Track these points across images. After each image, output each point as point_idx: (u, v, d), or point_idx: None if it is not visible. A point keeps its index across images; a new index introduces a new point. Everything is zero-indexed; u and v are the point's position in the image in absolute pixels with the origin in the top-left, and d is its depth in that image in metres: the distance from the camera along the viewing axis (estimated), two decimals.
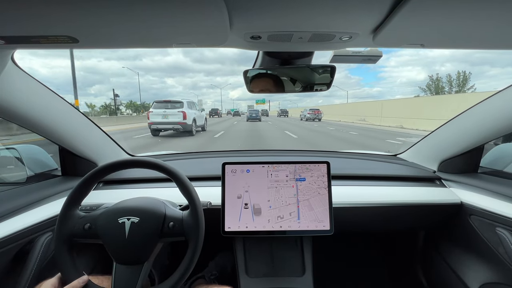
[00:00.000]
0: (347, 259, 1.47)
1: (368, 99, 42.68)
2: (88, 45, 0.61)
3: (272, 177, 0.90)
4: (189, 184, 0.71)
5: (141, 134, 10.36)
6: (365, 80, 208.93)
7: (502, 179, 0.97)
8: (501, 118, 0.88)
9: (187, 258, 0.65)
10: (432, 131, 1.19)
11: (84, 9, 0.45)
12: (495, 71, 77.73)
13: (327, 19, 0.53)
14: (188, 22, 0.51)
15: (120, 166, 0.72)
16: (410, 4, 0.44)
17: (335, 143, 8.66)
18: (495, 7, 0.45)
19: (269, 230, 0.88)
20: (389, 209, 0.99)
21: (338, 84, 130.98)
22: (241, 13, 0.50)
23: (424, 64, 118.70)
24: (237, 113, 53.34)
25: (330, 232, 0.87)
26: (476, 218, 0.90)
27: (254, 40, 0.62)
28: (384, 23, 0.52)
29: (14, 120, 0.82)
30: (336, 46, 0.71)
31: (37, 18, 0.48)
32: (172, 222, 0.68)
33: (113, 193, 1.01)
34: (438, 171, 1.13)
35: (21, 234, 0.74)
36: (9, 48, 0.66)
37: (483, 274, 0.88)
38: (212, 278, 1.12)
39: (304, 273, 0.98)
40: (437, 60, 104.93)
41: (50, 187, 0.97)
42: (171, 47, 0.64)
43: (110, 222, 0.67)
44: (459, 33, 0.57)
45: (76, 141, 1.01)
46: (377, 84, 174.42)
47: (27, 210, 0.82)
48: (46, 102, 0.88)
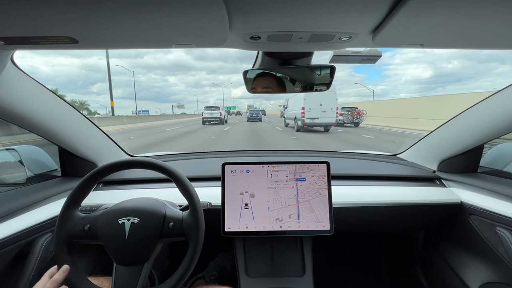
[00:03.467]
0: (347, 259, 1.47)
1: (372, 98, 41.46)
2: (87, 45, 0.61)
3: (272, 177, 0.90)
4: (189, 185, 0.71)
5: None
6: (369, 78, 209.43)
7: (502, 179, 0.97)
8: (501, 118, 0.88)
9: (187, 258, 0.65)
10: (431, 130, 1.19)
11: (84, 10, 0.45)
12: (503, 69, 77.58)
13: (326, 19, 0.53)
14: (187, 22, 0.51)
15: (119, 166, 0.72)
16: (410, 4, 0.44)
17: None
18: (494, 6, 0.45)
19: (269, 230, 0.88)
20: (389, 209, 0.99)
21: (342, 82, 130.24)
22: (240, 13, 0.50)
23: (430, 62, 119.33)
24: (239, 112, 52.79)
25: (330, 232, 0.87)
26: (476, 218, 0.90)
27: (254, 41, 0.62)
28: (383, 23, 0.52)
29: (14, 121, 0.81)
30: (335, 46, 0.71)
31: (37, 19, 0.48)
32: (172, 222, 0.68)
33: (113, 193, 1.01)
34: (438, 170, 1.13)
35: (21, 235, 0.74)
36: (9, 49, 0.66)
37: (483, 274, 0.88)
38: (212, 279, 1.11)
39: (304, 274, 0.98)
40: (444, 57, 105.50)
41: (49, 188, 0.96)
42: (170, 47, 0.64)
43: (110, 222, 0.67)
44: (458, 33, 0.57)
45: (76, 142, 1.01)
46: (382, 82, 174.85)
47: (27, 211, 0.82)
48: (45, 103, 0.88)
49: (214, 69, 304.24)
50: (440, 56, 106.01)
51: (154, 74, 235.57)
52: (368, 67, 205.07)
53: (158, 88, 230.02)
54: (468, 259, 0.95)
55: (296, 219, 0.88)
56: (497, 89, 0.89)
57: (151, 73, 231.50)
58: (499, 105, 0.88)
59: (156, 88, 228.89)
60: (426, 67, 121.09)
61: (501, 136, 0.92)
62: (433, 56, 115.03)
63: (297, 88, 0.86)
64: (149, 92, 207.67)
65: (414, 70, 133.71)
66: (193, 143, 8.39)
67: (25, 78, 0.79)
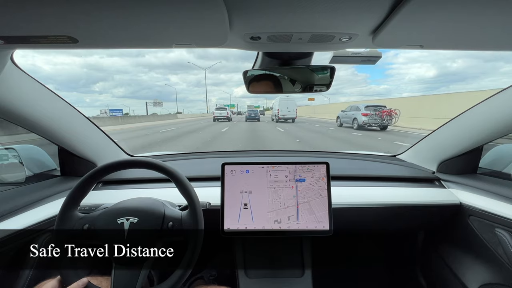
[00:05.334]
0: (347, 260, 1.47)
1: (375, 96, 39.97)
2: (87, 45, 0.61)
3: (272, 177, 0.90)
4: (189, 185, 0.71)
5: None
6: (372, 77, 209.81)
7: (501, 180, 0.97)
8: (500, 119, 0.88)
9: (186, 258, 0.65)
10: (431, 131, 1.19)
11: (84, 9, 0.45)
12: (509, 68, 76.21)
13: (326, 20, 0.53)
14: (188, 23, 0.51)
15: (119, 166, 0.72)
16: (409, 6, 0.44)
17: None
18: (493, 8, 0.46)
19: (269, 230, 0.87)
20: (388, 210, 0.99)
21: (345, 81, 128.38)
22: (240, 14, 0.50)
23: (434, 61, 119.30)
24: (239, 112, 52.49)
25: (329, 232, 0.87)
26: (475, 219, 0.90)
27: (254, 41, 0.63)
28: (383, 24, 0.52)
29: (13, 120, 0.81)
30: (335, 47, 0.71)
31: (37, 18, 0.48)
32: (171, 222, 0.68)
33: (112, 193, 1.00)
34: (437, 171, 1.13)
35: (20, 235, 0.74)
36: (9, 48, 0.66)
37: (482, 275, 0.88)
38: (211, 279, 1.11)
39: (303, 274, 0.98)
40: (448, 56, 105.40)
41: (49, 187, 0.96)
42: (171, 47, 0.64)
43: (109, 222, 0.67)
44: (457, 34, 0.57)
45: (75, 141, 1.01)
46: (384, 81, 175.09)
47: (26, 210, 0.82)
48: (45, 102, 0.88)
49: (216, 68, 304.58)
50: (445, 55, 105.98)
51: (156, 73, 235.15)
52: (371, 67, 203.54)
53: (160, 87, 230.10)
54: (467, 260, 0.95)
55: (296, 219, 0.88)
56: (498, 89, 0.88)
57: (153, 72, 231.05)
58: (498, 106, 0.88)
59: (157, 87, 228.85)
60: (430, 66, 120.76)
61: (500, 137, 0.93)
62: (438, 55, 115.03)
63: (297, 88, 0.86)
64: (151, 91, 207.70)
65: (418, 70, 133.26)
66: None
67: (25, 78, 0.79)
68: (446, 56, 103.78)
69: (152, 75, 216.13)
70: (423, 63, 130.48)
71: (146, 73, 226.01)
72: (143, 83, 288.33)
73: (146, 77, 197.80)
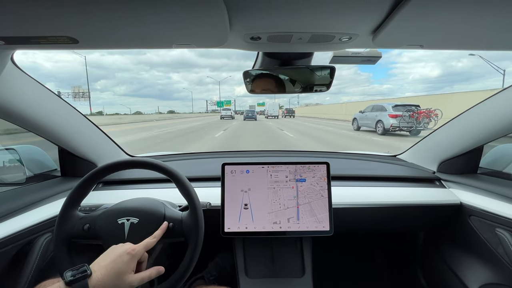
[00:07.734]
0: (347, 260, 1.47)
1: (377, 96, 39.67)
2: (88, 45, 0.61)
3: (272, 177, 0.90)
4: (189, 185, 0.71)
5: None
6: (375, 76, 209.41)
7: (502, 180, 0.97)
8: (501, 119, 0.88)
9: (187, 259, 0.65)
10: (431, 131, 1.19)
11: (84, 10, 0.45)
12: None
13: (326, 20, 0.53)
14: (188, 23, 0.51)
15: (119, 166, 0.72)
16: (410, 5, 0.44)
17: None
18: (493, 8, 0.46)
19: (269, 230, 0.87)
20: (388, 210, 0.99)
21: (348, 81, 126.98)
22: (240, 14, 0.50)
23: (438, 60, 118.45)
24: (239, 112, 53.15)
25: (329, 232, 0.87)
26: (475, 219, 0.90)
27: (254, 41, 0.63)
28: (383, 24, 0.52)
29: (13, 121, 0.81)
30: (335, 47, 0.71)
31: (37, 19, 0.48)
32: (172, 222, 0.68)
33: (112, 193, 1.00)
34: (437, 171, 1.13)
35: (20, 235, 0.74)
36: (9, 48, 0.66)
37: (482, 275, 0.88)
38: (212, 279, 1.11)
39: (303, 274, 0.98)
40: (453, 55, 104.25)
41: (49, 187, 0.96)
42: (171, 47, 0.64)
43: (109, 222, 0.67)
44: (458, 33, 0.57)
45: (76, 142, 1.01)
46: (387, 81, 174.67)
47: (26, 210, 0.82)
48: (45, 103, 0.88)
49: (217, 66, 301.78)
50: (450, 54, 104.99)
51: (157, 71, 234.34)
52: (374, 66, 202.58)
53: (162, 85, 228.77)
54: (468, 260, 0.95)
55: (296, 220, 0.88)
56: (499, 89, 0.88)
57: (154, 70, 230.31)
58: (499, 106, 0.88)
59: (159, 85, 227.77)
60: (435, 65, 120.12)
61: (501, 137, 0.92)
62: (442, 54, 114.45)
63: (297, 88, 0.86)
64: (153, 89, 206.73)
65: (422, 69, 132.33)
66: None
67: (25, 78, 0.79)
68: (452, 55, 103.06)
69: (153, 73, 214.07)
70: (427, 62, 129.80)
71: (147, 71, 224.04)
72: (144, 81, 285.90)
73: (148, 75, 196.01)
